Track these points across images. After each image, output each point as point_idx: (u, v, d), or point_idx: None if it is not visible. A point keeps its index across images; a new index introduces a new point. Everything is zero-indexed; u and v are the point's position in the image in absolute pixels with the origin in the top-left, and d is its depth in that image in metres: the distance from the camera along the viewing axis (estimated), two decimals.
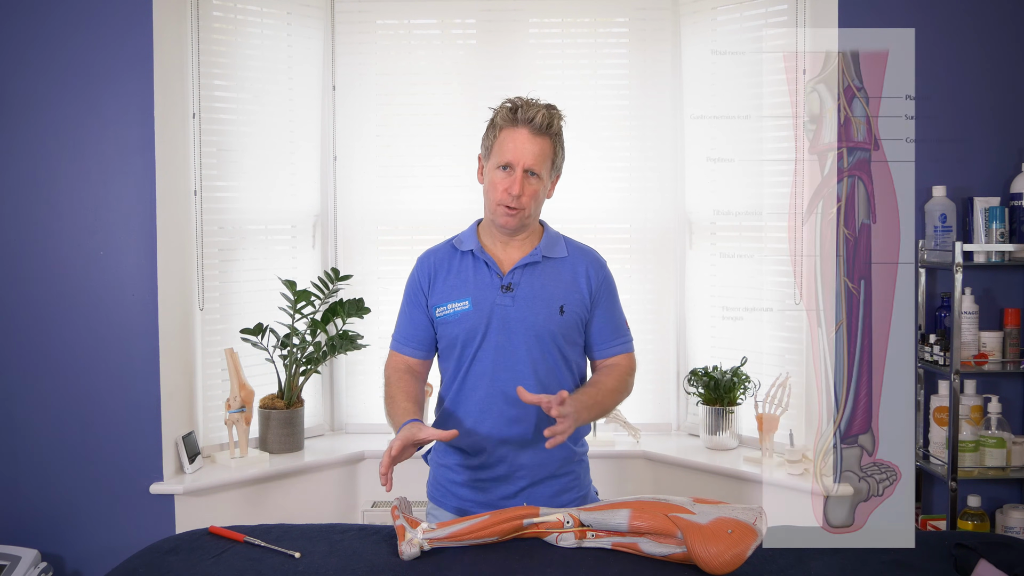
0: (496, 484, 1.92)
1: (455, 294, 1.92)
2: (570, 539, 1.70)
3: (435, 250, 2.01)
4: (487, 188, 1.91)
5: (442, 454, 1.98)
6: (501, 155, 1.86)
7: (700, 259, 3.19)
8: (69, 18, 2.69)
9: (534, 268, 1.92)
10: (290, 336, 3.00)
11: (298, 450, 3.03)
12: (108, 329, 2.73)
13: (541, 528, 1.71)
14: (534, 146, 1.85)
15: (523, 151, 1.84)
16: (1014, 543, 1.76)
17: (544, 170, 1.88)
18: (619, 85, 3.23)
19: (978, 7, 2.72)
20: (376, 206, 3.27)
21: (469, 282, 1.92)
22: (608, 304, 1.97)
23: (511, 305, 1.89)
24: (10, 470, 2.75)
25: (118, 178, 2.72)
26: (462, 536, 1.70)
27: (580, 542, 1.69)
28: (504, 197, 1.86)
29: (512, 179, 1.85)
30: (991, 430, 2.60)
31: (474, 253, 1.94)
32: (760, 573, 1.63)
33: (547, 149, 1.87)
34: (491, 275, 1.92)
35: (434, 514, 1.99)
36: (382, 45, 3.25)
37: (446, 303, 1.92)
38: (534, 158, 1.85)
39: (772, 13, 2.95)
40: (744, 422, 3.07)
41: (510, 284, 1.90)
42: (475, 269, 1.93)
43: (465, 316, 1.90)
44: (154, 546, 1.81)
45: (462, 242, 1.97)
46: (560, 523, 1.70)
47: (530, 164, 1.85)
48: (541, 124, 1.85)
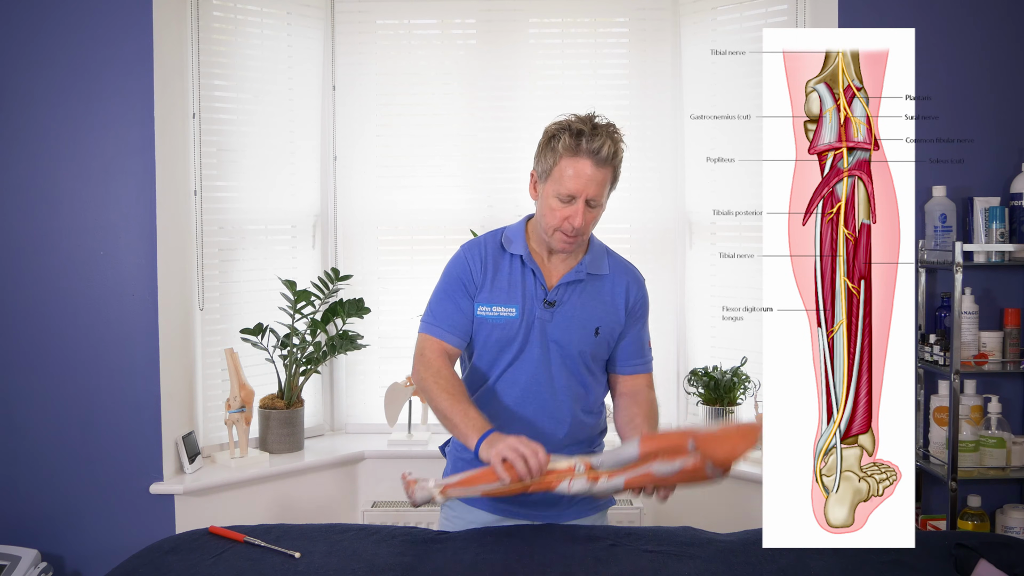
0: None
1: (504, 298, 1.88)
2: (582, 483, 1.66)
3: (483, 242, 1.94)
4: (543, 210, 1.85)
5: (465, 448, 1.93)
6: (561, 184, 1.79)
7: (700, 259, 3.19)
8: (69, 18, 2.69)
9: (577, 286, 1.90)
10: (290, 336, 3.00)
11: (298, 450, 3.04)
12: (108, 329, 2.73)
13: (552, 477, 1.67)
14: (598, 176, 1.78)
15: (587, 184, 1.78)
16: (1014, 543, 1.76)
17: (605, 197, 1.83)
18: (619, 85, 3.23)
19: (978, 7, 2.72)
20: (376, 206, 3.27)
21: (517, 289, 1.89)
22: (640, 324, 1.98)
23: (550, 321, 1.87)
24: (10, 470, 2.75)
25: (118, 178, 2.72)
26: (474, 482, 1.68)
27: (592, 485, 1.66)
28: (564, 226, 1.82)
29: (574, 210, 1.80)
30: (991, 430, 2.60)
31: (523, 260, 1.90)
32: (760, 573, 1.63)
33: (609, 177, 1.81)
34: (536, 286, 1.89)
35: (449, 505, 1.97)
36: (382, 45, 3.25)
37: (492, 304, 1.88)
38: (597, 188, 1.79)
39: (772, 13, 2.95)
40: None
41: (554, 301, 1.88)
42: (523, 276, 1.90)
43: (509, 323, 1.87)
44: (154, 546, 1.81)
45: (511, 242, 1.92)
46: (572, 468, 1.67)
47: (593, 195, 1.79)
48: (607, 156, 1.78)
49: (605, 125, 1.81)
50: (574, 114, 1.84)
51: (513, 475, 1.63)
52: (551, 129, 1.83)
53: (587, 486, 1.66)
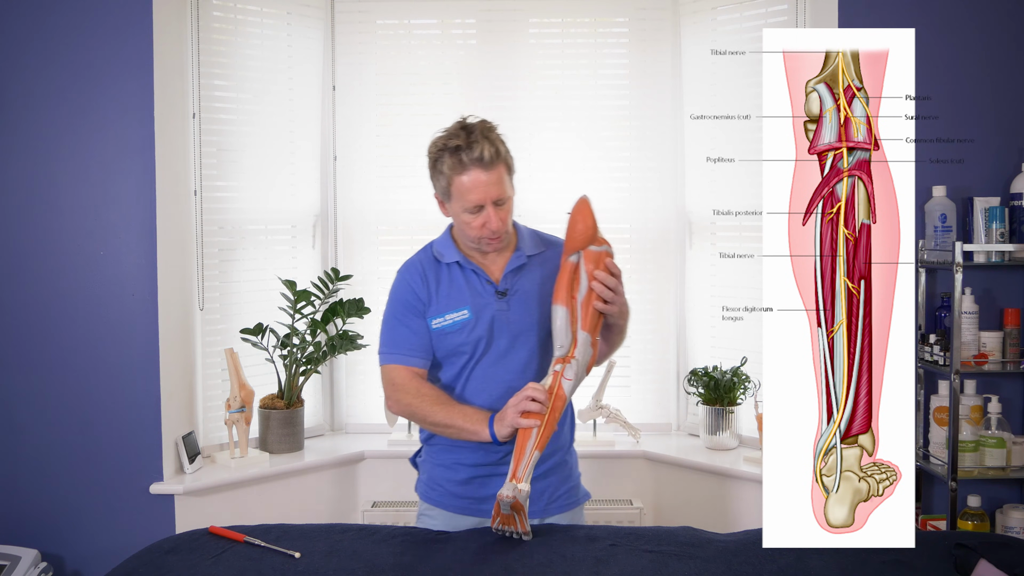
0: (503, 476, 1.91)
1: (452, 304, 1.91)
2: (571, 368, 1.81)
3: (418, 260, 1.98)
4: (460, 225, 1.89)
5: (440, 453, 1.97)
6: (465, 199, 1.83)
7: (700, 259, 3.19)
8: (69, 18, 2.69)
9: (522, 270, 1.94)
10: (290, 336, 3.00)
11: (298, 450, 3.04)
12: (108, 329, 2.73)
13: (555, 387, 1.79)
14: (493, 178, 1.81)
15: (487, 190, 1.81)
16: (1014, 543, 1.76)
17: (506, 190, 1.85)
18: (619, 85, 3.23)
19: (978, 7, 2.72)
20: (376, 206, 3.27)
21: (464, 291, 1.92)
22: None
23: (507, 310, 1.91)
24: (10, 470, 2.75)
25: (118, 178, 2.72)
26: (522, 450, 1.76)
27: (575, 362, 1.81)
28: (485, 232, 1.85)
29: (486, 216, 1.83)
30: (991, 430, 2.60)
31: (460, 264, 1.94)
32: (760, 573, 1.63)
33: (503, 170, 1.84)
34: (482, 283, 1.92)
35: (429, 514, 1.98)
36: (382, 45, 3.25)
37: (443, 314, 1.91)
38: (497, 189, 1.82)
39: (772, 13, 2.95)
40: (744, 422, 3.07)
41: (506, 290, 1.91)
42: (466, 278, 1.93)
43: (466, 325, 1.90)
44: (154, 546, 1.81)
45: (443, 254, 1.95)
46: (558, 373, 1.81)
47: (496, 195, 1.82)
48: (491, 157, 1.80)
49: (478, 126, 1.83)
50: (445, 128, 1.86)
51: (537, 418, 1.76)
52: (432, 152, 1.86)
53: (574, 365, 1.81)
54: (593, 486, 3.06)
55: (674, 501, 3.03)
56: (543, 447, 1.78)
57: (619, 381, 3.20)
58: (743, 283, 3.02)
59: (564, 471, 2.00)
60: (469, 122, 1.85)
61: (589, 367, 1.87)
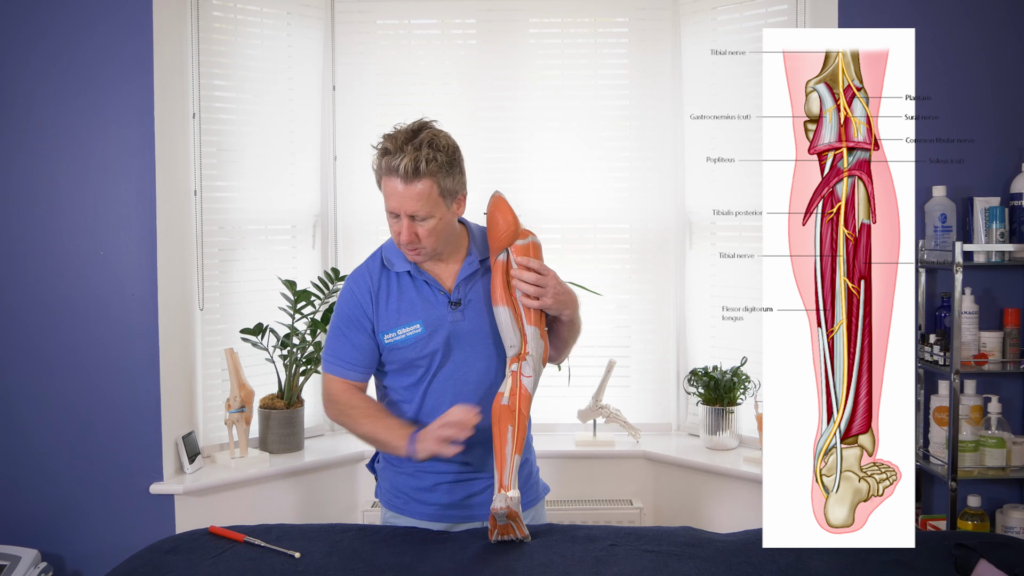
0: (469, 481, 1.91)
1: (404, 318, 1.86)
2: (528, 365, 1.80)
3: (367, 270, 1.92)
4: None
5: (403, 460, 1.89)
6: (386, 201, 1.78)
7: (700, 259, 3.19)
8: (69, 18, 2.69)
9: (474, 277, 1.90)
10: (290, 336, 3.00)
11: (298, 450, 3.03)
12: (108, 329, 2.73)
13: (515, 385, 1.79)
14: (410, 193, 1.74)
15: (401, 201, 1.76)
16: (1014, 543, 1.76)
17: (429, 208, 1.76)
18: (619, 85, 3.23)
19: (978, 7, 2.72)
20: (376, 206, 3.23)
21: (416, 304, 1.87)
22: None
23: (462, 320, 1.87)
24: (10, 470, 2.75)
25: (118, 178, 2.72)
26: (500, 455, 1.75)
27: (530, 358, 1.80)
28: (401, 240, 1.81)
29: (400, 225, 1.79)
30: (991, 430, 2.60)
31: (411, 274, 1.89)
32: (760, 573, 1.63)
33: (425, 190, 1.74)
34: (435, 293, 1.88)
35: (395, 522, 1.94)
36: (382, 45, 3.25)
37: (395, 328, 1.86)
38: (414, 204, 1.75)
39: (772, 13, 2.95)
40: (744, 422, 3.07)
41: (459, 300, 1.87)
42: (417, 289, 1.88)
43: (419, 340, 1.85)
44: (154, 546, 1.81)
45: (392, 263, 1.90)
46: (515, 372, 1.80)
47: (411, 211, 1.76)
48: (409, 171, 1.73)
49: (423, 137, 1.76)
50: (396, 125, 1.81)
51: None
52: (375, 146, 1.82)
53: (530, 361, 1.81)
54: (593, 486, 3.07)
55: (674, 501, 3.03)
56: (521, 449, 1.76)
57: (619, 381, 3.20)
58: (743, 283, 3.01)
59: (525, 469, 1.96)
60: (415, 128, 1.78)
61: (544, 360, 1.85)
